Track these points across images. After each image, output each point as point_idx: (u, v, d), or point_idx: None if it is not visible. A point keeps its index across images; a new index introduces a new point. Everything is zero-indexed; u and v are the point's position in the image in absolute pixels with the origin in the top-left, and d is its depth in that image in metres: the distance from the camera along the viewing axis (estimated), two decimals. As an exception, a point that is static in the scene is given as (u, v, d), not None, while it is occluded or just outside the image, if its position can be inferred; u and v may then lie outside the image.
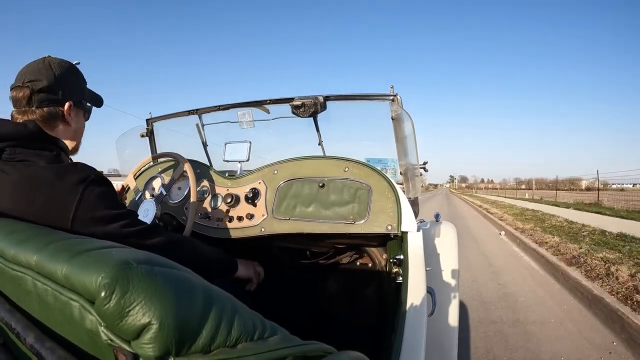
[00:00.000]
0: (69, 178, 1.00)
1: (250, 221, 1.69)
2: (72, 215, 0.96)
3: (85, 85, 1.25)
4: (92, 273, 0.56)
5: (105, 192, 1.05)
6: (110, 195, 1.08)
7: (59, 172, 1.00)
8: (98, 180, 1.04)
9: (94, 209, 1.00)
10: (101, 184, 1.05)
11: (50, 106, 1.11)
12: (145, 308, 0.52)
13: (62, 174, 1.00)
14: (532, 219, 11.75)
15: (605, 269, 4.85)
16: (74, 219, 0.96)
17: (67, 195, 0.98)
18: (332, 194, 1.59)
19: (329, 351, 0.64)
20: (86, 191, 1.00)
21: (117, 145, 2.41)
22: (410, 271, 1.35)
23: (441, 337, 1.84)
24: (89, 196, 1.00)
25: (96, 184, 1.03)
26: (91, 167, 1.07)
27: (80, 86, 1.22)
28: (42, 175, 0.99)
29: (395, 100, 1.78)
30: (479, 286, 5.02)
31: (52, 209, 0.96)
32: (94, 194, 1.01)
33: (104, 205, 1.03)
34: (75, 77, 1.19)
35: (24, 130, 1.05)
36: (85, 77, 1.24)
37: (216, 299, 0.60)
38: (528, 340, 3.36)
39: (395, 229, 1.45)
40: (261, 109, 2.08)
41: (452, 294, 1.96)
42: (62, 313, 0.61)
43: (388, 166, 2.07)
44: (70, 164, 1.07)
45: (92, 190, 1.01)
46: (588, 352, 3.18)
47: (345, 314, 2.16)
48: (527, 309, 4.18)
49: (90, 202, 1.00)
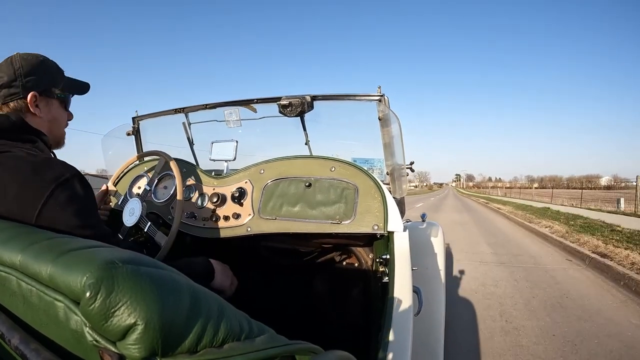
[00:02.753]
0: (43, 174, 0.97)
1: (236, 221, 1.69)
2: (37, 212, 0.93)
3: (58, 74, 1.21)
4: (77, 273, 0.55)
5: (76, 196, 1.01)
6: (83, 199, 1.03)
7: (34, 167, 0.98)
8: (71, 181, 1.00)
9: (61, 212, 0.96)
10: (75, 186, 1.01)
11: (13, 100, 1.09)
12: (130, 308, 0.52)
13: (37, 168, 0.97)
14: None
15: None
16: (38, 217, 0.93)
17: (36, 192, 0.94)
18: (318, 193, 1.59)
19: (315, 351, 0.64)
20: (56, 190, 0.96)
21: (103, 144, 2.38)
22: (396, 271, 1.36)
23: (427, 336, 1.86)
24: (59, 196, 0.96)
25: (69, 184, 0.99)
26: (68, 166, 1.03)
27: (49, 76, 1.18)
28: (18, 168, 0.96)
29: (382, 100, 1.78)
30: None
31: (20, 203, 0.93)
32: (64, 195, 0.97)
33: (71, 210, 0.98)
34: (41, 68, 1.15)
35: (6, 121, 1.05)
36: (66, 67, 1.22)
37: (202, 299, 0.60)
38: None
39: (381, 228, 1.46)
40: (248, 108, 2.07)
41: (438, 293, 1.98)
42: (47, 314, 0.61)
43: (374, 166, 2.08)
44: (46, 159, 1.03)
45: (62, 190, 0.97)
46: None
47: (332, 313, 2.16)
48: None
49: (58, 203, 0.96)
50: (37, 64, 1.14)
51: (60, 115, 1.22)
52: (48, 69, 1.18)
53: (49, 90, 1.17)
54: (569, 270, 5.94)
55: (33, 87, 1.12)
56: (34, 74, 1.13)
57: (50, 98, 1.18)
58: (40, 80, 1.14)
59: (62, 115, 1.23)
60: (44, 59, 1.17)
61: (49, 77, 1.17)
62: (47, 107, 1.17)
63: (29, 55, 1.15)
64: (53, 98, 1.19)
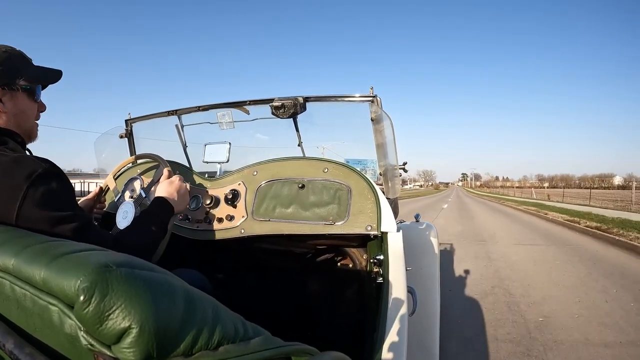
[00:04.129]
0: (14, 173, 0.96)
1: (230, 223, 1.69)
2: (15, 213, 0.92)
3: (22, 64, 1.15)
4: (71, 277, 0.55)
5: (52, 190, 1.00)
6: (58, 193, 1.02)
7: (4, 167, 0.96)
8: (45, 176, 0.99)
9: (38, 210, 0.95)
10: (49, 180, 1.00)
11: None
12: (125, 312, 0.51)
13: (7, 169, 0.96)
14: None
15: None
16: (17, 218, 0.93)
17: (11, 192, 0.93)
18: (311, 194, 1.60)
19: (311, 352, 0.64)
20: (31, 189, 0.95)
21: (96, 146, 2.37)
22: (390, 271, 1.36)
23: (423, 336, 1.86)
24: (34, 195, 0.95)
25: (43, 180, 0.98)
26: (39, 161, 1.01)
27: (11, 67, 1.12)
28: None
29: (375, 101, 1.79)
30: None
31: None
32: (39, 191, 0.96)
33: (49, 206, 0.97)
34: (2, 60, 1.10)
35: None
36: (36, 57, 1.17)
37: (197, 301, 0.60)
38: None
39: (375, 229, 1.46)
40: (241, 109, 2.07)
41: (432, 293, 1.98)
42: (41, 318, 0.61)
43: (367, 167, 2.09)
44: (15, 158, 1.00)
45: (37, 187, 0.96)
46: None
47: (327, 314, 2.16)
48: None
49: (35, 200, 0.95)
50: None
51: (27, 107, 1.18)
52: (10, 60, 1.12)
53: (12, 82, 1.11)
54: None
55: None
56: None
57: (13, 91, 1.12)
58: (2, 73, 1.09)
59: (29, 107, 1.18)
60: (7, 50, 1.12)
61: (10, 69, 1.11)
62: (11, 100, 1.12)
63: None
64: (17, 90, 1.13)
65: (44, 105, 1.25)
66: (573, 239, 9.53)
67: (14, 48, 1.16)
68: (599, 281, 5.23)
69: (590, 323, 3.66)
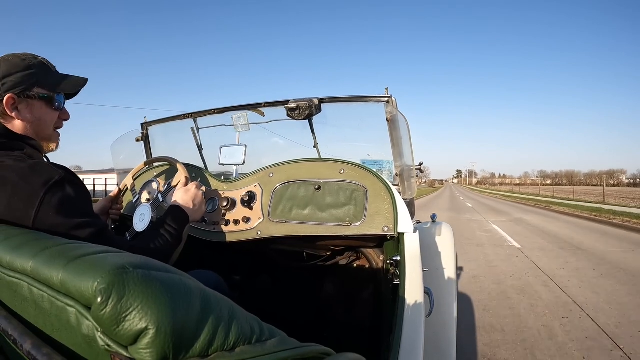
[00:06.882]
0: (31, 180, 0.96)
1: (246, 225, 1.69)
2: (32, 221, 0.93)
3: (43, 72, 1.15)
4: (88, 278, 0.55)
5: (68, 196, 1.00)
6: (74, 200, 1.03)
7: (22, 174, 0.97)
8: (62, 183, 1.00)
9: (55, 216, 0.96)
10: (66, 187, 1.01)
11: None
12: (142, 313, 0.51)
13: (25, 175, 0.97)
14: None
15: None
16: (34, 223, 0.93)
17: (28, 199, 0.94)
18: (328, 196, 1.59)
19: (327, 353, 0.64)
20: (47, 195, 0.96)
21: (112, 150, 2.40)
22: (407, 272, 1.35)
23: (439, 337, 1.84)
24: (50, 201, 0.96)
25: (59, 186, 0.99)
26: (55, 168, 1.02)
27: (31, 76, 1.11)
28: (5, 177, 0.96)
29: (390, 101, 1.78)
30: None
31: (14, 214, 0.93)
32: (56, 198, 0.97)
33: (65, 212, 0.98)
34: (21, 68, 1.10)
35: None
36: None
37: (213, 302, 0.59)
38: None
39: (391, 230, 1.45)
40: (256, 111, 2.08)
41: (449, 295, 1.96)
42: (58, 319, 0.61)
43: (384, 168, 2.08)
44: (32, 165, 1.01)
45: (54, 194, 0.97)
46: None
47: (343, 315, 2.16)
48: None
49: (51, 207, 0.96)
50: (17, 65, 1.10)
51: (45, 115, 1.17)
52: (30, 68, 1.12)
53: (29, 90, 1.11)
54: None
55: (10, 89, 1.08)
56: (12, 75, 1.08)
57: (31, 99, 1.12)
58: (19, 81, 1.09)
59: (48, 115, 1.18)
60: (28, 58, 1.13)
61: (30, 78, 1.11)
62: (28, 108, 1.12)
63: (12, 56, 1.11)
64: (34, 99, 1.13)
65: (67, 113, 1.24)
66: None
67: (36, 56, 1.16)
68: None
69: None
